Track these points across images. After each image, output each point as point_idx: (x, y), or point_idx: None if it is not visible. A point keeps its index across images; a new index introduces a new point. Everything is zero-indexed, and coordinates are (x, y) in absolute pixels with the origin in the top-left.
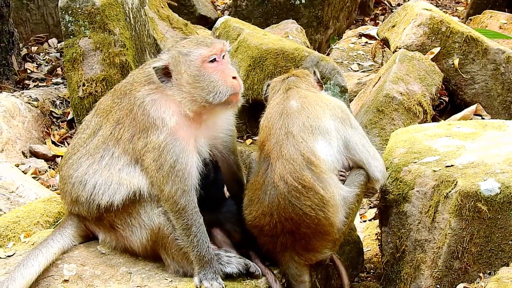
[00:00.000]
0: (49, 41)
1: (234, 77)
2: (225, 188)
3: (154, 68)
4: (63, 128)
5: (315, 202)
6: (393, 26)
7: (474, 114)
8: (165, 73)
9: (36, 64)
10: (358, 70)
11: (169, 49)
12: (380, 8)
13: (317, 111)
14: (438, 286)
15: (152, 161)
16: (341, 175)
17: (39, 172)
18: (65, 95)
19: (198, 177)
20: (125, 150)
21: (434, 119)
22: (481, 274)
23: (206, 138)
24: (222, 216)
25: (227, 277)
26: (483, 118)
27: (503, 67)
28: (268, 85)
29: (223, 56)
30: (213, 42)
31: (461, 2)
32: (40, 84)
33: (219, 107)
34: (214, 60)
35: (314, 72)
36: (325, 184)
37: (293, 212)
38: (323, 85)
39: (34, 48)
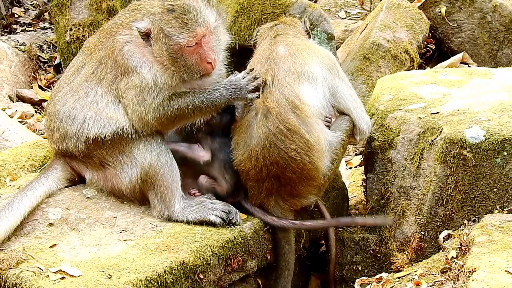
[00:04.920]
0: None
1: (209, 62)
2: None
3: (137, 28)
4: (50, 72)
5: (300, 146)
6: None
7: (461, 63)
8: (147, 34)
9: (24, 8)
10: (345, 18)
11: (154, 15)
12: None
13: (304, 57)
14: (422, 233)
15: (134, 97)
16: (327, 121)
17: (26, 116)
18: (52, 40)
19: None
20: (108, 89)
21: (420, 67)
22: (465, 221)
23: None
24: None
25: (211, 224)
26: (469, 66)
27: (490, 15)
28: (258, 32)
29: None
30: (197, 26)
31: None
32: (27, 28)
33: (193, 80)
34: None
35: (304, 21)
36: (310, 128)
37: (279, 155)
38: (311, 34)
39: None
